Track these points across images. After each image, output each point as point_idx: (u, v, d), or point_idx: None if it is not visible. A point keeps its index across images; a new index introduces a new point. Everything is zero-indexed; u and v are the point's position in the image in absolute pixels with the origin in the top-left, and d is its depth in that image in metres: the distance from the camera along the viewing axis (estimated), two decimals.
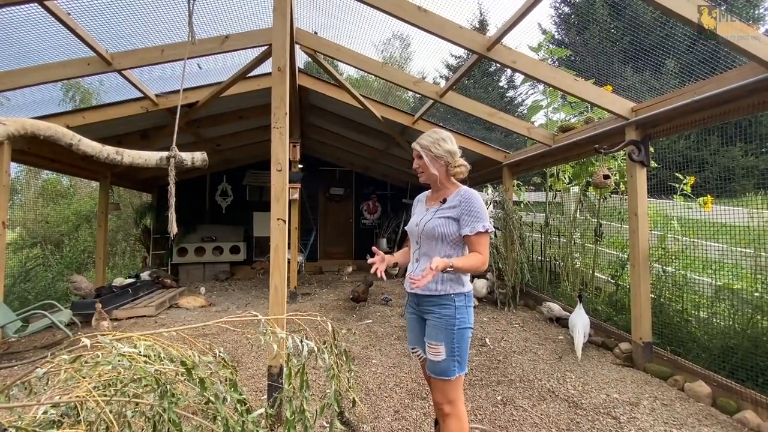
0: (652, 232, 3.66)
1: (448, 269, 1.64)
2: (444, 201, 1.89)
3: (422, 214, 1.94)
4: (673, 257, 3.57)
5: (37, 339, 4.23)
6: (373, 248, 2.01)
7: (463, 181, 2.00)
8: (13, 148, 3.96)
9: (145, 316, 5.18)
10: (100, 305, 4.23)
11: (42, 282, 7.38)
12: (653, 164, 3.72)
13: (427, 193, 2.06)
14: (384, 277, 1.92)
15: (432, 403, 2.70)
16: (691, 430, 2.37)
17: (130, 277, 6.35)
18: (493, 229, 1.63)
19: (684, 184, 3.68)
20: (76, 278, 4.99)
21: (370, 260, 1.93)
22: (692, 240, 3.50)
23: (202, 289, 6.47)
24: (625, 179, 3.76)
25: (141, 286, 6.06)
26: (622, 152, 3.91)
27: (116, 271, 8.90)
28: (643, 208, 3.34)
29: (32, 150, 4.38)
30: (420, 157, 1.92)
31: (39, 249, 8.93)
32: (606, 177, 3.65)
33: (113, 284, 5.81)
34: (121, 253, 10.36)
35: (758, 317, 2.85)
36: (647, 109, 3.27)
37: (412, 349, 2.02)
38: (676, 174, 3.73)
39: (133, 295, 5.73)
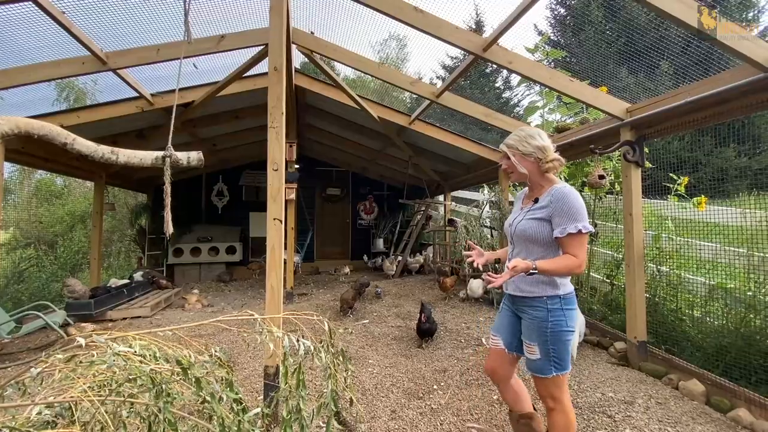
0: (647, 232, 3.69)
1: (532, 271, 1.64)
2: (536, 200, 1.84)
3: (516, 214, 1.94)
4: (668, 257, 3.60)
5: (31, 340, 4.19)
6: (469, 242, 2.06)
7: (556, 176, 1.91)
8: (7, 147, 3.92)
9: (140, 316, 5.15)
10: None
11: (36, 283, 7.31)
12: (648, 165, 3.75)
13: (525, 190, 2.03)
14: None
15: (428, 403, 2.72)
16: (685, 428, 2.39)
17: (130, 277, 6.33)
18: (591, 229, 1.72)
19: (678, 184, 3.71)
20: (70, 282, 4.97)
21: (466, 253, 1.96)
22: (686, 240, 3.53)
23: (195, 291, 6.42)
24: (620, 179, 3.78)
25: (136, 287, 6.03)
26: (617, 153, 3.94)
27: (111, 272, 8.83)
28: (638, 208, 3.37)
29: (26, 150, 4.34)
30: (507, 157, 1.90)
31: (33, 250, 8.86)
32: (601, 177, 3.68)
33: (109, 285, 5.77)
34: (117, 253, 10.29)
35: (751, 316, 2.88)
36: (642, 110, 3.30)
37: (493, 335, 2.03)
38: (671, 174, 3.75)
39: (129, 296, 5.69)
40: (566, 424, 1.79)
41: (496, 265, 5.09)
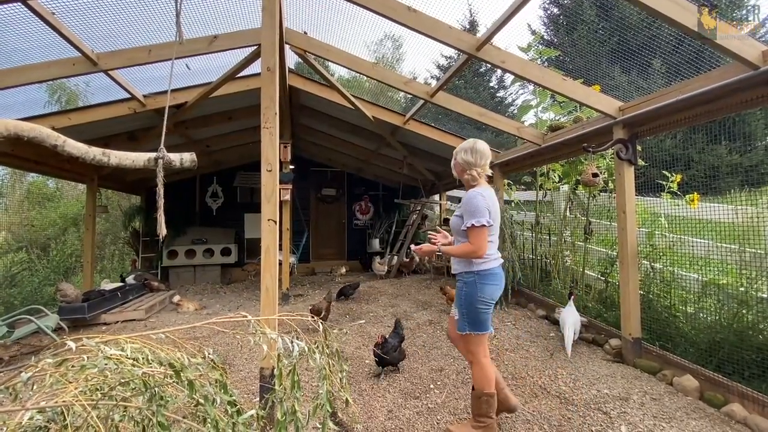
0: (641, 229, 3.71)
1: (437, 253, 2.32)
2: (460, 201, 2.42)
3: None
4: (661, 254, 3.63)
5: (24, 345, 4.14)
6: (436, 227, 2.54)
7: (490, 180, 2.45)
8: None
9: (134, 319, 5.11)
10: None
11: (28, 287, 7.23)
12: (641, 162, 3.77)
13: None
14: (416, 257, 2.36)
15: (425, 403, 2.72)
16: (679, 423, 2.41)
17: (122, 279, 6.26)
18: (485, 224, 2.18)
19: (671, 182, 3.74)
20: (62, 286, 4.93)
21: (431, 233, 2.50)
22: (680, 237, 3.56)
23: (176, 297, 5.96)
24: (614, 177, 3.81)
25: (130, 290, 5.97)
26: (610, 151, 3.96)
27: (104, 275, 8.75)
28: (631, 205, 3.39)
29: (16, 152, 4.29)
30: (454, 158, 2.46)
31: (25, 253, 8.76)
32: (595, 175, 3.70)
33: (101, 287, 5.72)
34: (110, 256, 10.21)
35: (744, 312, 2.91)
36: (634, 108, 3.32)
37: (453, 307, 2.50)
38: (664, 172, 3.79)
39: (123, 299, 5.64)
40: (481, 375, 2.26)
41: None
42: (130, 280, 6.44)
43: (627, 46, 4.39)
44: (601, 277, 4.38)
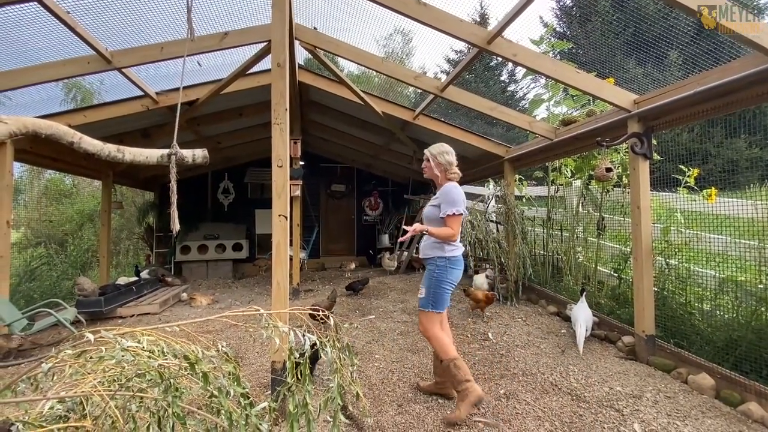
0: (655, 225, 3.64)
1: (425, 232, 2.56)
2: (435, 193, 2.71)
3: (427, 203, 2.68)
4: (677, 250, 3.55)
5: (43, 337, 4.26)
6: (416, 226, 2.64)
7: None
8: (16, 147, 3.97)
9: (149, 313, 5.22)
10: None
11: (47, 281, 7.42)
12: (656, 157, 3.69)
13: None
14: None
15: (435, 398, 2.72)
16: (694, 421, 2.37)
17: (136, 272, 6.39)
18: (461, 213, 2.51)
19: (688, 176, 3.65)
20: (80, 280, 5.07)
21: (405, 227, 2.64)
22: (696, 232, 3.48)
23: (184, 295, 6.10)
24: (628, 172, 3.74)
25: (145, 284, 6.09)
26: (624, 145, 3.89)
27: (120, 270, 8.94)
28: (646, 200, 3.33)
29: (34, 149, 4.39)
30: (428, 160, 2.75)
31: (43, 248, 8.98)
32: (608, 170, 3.63)
33: (117, 282, 5.84)
34: (125, 251, 10.40)
35: (762, 309, 2.84)
36: (650, 101, 3.25)
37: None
38: (680, 167, 3.70)
39: (137, 293, 5.76)
40: (438, 346, 2.54)
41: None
42: (144, 274, 6.56)
43: (642, 37, 4.28)
44: (614, 274, 4.32)
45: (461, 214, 2.52)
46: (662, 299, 3.45)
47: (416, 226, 2.56)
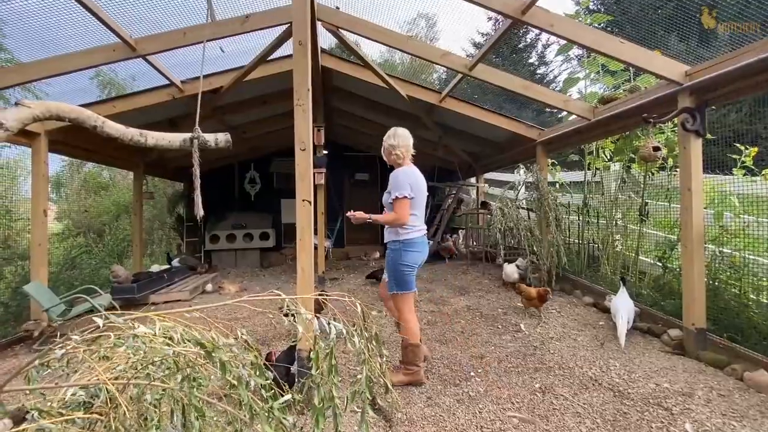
0: (706, 210, 3.34)
1: (369, 221, 2.68)
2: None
3: None
4: (731, 237, 3.25)
5: (81, 323, 4.43)
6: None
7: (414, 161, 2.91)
8: (50, 139, 4.08)
9: (180, 300, 5.33)
10: None
11: (87, 269, 7.76)
12: (708, 136, 3.37)
13: None
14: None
15: (465, 390, 2.61)
16: (753, 422, 2.15)
17: (168, 259, 6.56)
18: (405, 196, 2.56)
19: (745, 156, 3.31)
20: (115, 268, 5.26)
21: (349, 214, 2.70)
22: (756, 217, 3.16)
23: (209, 286, 6.06)
24: (675, 152, 3.43)
25: (176, 272, 6.25)
26: (670, 123, 3.57)
27: (153, 258, 9.24)
28: (698, 182, 3.03)
29: (68, 141, 4.51)
30: (382, 146, 2.85)
31: (83, 238, 9.41)
32: (656, 149, 3.32)
33: (151, 270, 6.02)
34: (158, 240, 10.75)
35: None
36: (703, 72, 2.93)
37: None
38: (737, 145, 3.36)
39: (169, 281, 5.91)
40: (407, 328, 2.63)
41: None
42: (175, 262, 6.73)
43: (686, 11, 3.90)
44: (659, 263, 4.02)
45: (405, 197, 2.56)
46: (713, 290, 3.18)
47: (358, 213, 2.65)
